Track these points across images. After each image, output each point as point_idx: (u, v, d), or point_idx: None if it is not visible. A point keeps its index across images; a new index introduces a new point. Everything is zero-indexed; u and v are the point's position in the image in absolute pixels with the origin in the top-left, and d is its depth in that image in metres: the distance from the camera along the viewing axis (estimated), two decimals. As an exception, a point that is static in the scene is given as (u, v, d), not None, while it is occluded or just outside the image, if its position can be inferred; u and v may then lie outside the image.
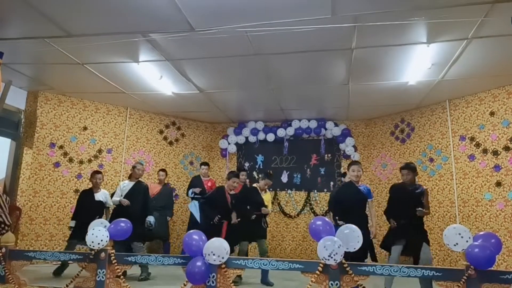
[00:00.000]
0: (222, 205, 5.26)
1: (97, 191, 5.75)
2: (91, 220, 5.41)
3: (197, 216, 6.26)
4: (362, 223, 4.46)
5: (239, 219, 5.36)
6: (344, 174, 7.09)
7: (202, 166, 7.15)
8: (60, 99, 7.08)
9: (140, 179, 5.73)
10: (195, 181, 6.96)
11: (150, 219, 5.52)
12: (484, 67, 5.38)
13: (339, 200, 4.81)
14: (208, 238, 3.42)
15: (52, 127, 6.96)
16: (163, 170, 7.15)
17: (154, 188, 6.74)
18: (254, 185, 5.78)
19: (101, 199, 5.73)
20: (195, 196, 6.58)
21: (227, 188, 5.38)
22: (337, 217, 4.53)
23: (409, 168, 4.73)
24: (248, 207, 5.43)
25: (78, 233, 5.25)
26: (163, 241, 7.11)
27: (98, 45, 4.81)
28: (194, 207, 6.59)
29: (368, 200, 4.82)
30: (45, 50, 5.02)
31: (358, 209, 4.61)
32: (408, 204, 4.55)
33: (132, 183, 5.57)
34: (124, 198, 5.43)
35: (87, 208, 5.55)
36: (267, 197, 5.79)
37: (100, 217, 5.61)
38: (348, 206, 4.57)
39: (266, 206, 5.61)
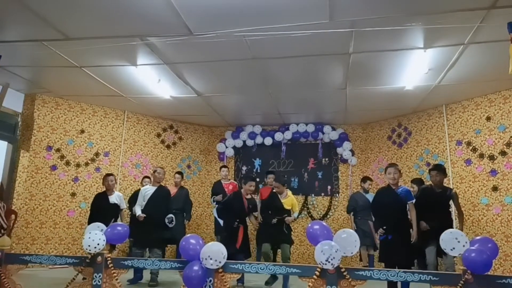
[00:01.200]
0: (239, 209, 5.25)
1: (111, 194, 5.73)
2: (106, 224, 5.38)
3: (221, 221, 6.12)
4: (402, 229, 4.41)
5: (258, 223, 5.45)
6: (365, 180, 7.09)
7: (222, 169, 7.14)
8: (57, 102, 7.07)
9: (161, 183, 5.67)
10: (217, 187, 6.92)
11: (170, 215, 5.41)
12: (480, 72, 5.41)
13: (377, 207, 4.66)
14: (226, 242, 3.68)
15: (49, 130, 6.94)
16: (179, 173, 7.11)
17: (170, 191, 6.64)
18: (275, 190, 5.63)
19: (116, 202, 5.68)
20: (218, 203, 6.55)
21: (244, 193, 5.37)
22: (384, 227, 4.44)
23: (439, 169, 4.70)
24: (270, 212, 5.40)
25: None
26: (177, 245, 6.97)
27: (96, 48, 4.81)
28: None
29: (408, 202, 4.53)
30: (43, 53, 5.01)
31: (397, 215, 4.43)
32: (437, 206, 4.56)
33: (154, 188, 5.52)
34: (146, 202, 5.38)
35: (102, 211, 5.49)
36: (288, 201, 5.55)
37: (116, 220, 5.57)
38: (387, 212, 4.43)
39: (288, 211, 5.49)
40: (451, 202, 4.92)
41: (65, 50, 4.95)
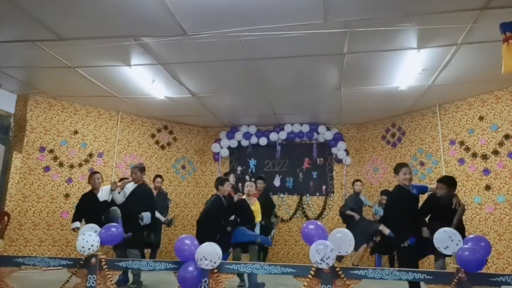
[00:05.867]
0: (223, 212, 5.18)
1: (98, 192, 5.52)
2: (100, 223, 5.18)
3: None
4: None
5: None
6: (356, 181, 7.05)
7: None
8: (50, 103, 7.01)
9: (144, 181, 5.48)
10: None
11: (144, 214, 5.13)
12: (473, 73, 5.45)
13: (397, 207, 4.41)
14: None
15: (42, 131, 6.88)
16: (160, 176, 6.94)
17: (152, 190, 6.45)
18: (243, 197, 5.55)
19: (106, 198, 5.45)
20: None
21: (221, 195, 5.26)
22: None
23: (444, 182, 4.46)
24: (238, 220, 5.26)
25: None
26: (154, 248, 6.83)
27: (89, 48, 4.78)
28: None
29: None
30: (36, 54, 4.97)
31: (414, 214, 4.36)
32: (444, 217, 4.37)
33: (135, 185, 5.31)
34: (126, 198, 5.20)
35: (93, 211, 5.31)
36: (255, 207, 5.44)
37: (106, 217, 5.31)
38: (407, 212, 4.29)
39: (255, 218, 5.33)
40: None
41: (58, 51, 4.91)
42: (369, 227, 6.37)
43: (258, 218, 5.45)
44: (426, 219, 4.64)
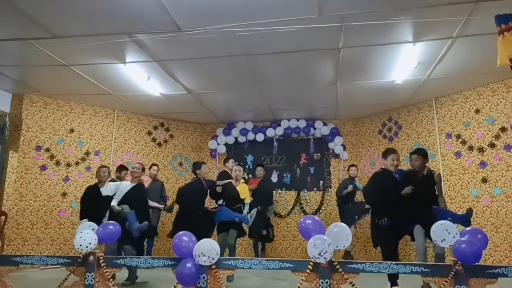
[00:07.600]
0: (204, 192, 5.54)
1: (102, 186, 5.43)
2: (99, 219, 5.09)
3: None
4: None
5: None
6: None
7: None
8: (46, 102, 6.98)
9: (140, 180, 5.44)
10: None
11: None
12: (469, 66, 5.46)
13: (379, 187, 4.44)
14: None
15: (38, 130, 6.85)
16: (156, 164, 7.25)
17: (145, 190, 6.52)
18: (230, 180, 5.74)
19: (109, 193, 5.33)
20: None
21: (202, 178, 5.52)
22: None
23: (419, 153, 4.57)
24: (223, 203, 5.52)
25: None
26: (149, 239, 6.83)
27: (84, 46, 4.75)
28: None
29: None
30: (30, 52, 4.94)
31: (393, 197, 4.36)
32: (421, 192, 4.43)
33: (130, 186, 5.24)
34: (121, 200, 5.11)
35: (94, 204, 5.30)
36: (242, 188, 5.63)
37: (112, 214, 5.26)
38: (387, 194, 4.34)
39: (242, 200, 5.54)
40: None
41: (52, 49, 4.88)
42: (356, 208, 6.71)
43: (247, 199, 5.62)
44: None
